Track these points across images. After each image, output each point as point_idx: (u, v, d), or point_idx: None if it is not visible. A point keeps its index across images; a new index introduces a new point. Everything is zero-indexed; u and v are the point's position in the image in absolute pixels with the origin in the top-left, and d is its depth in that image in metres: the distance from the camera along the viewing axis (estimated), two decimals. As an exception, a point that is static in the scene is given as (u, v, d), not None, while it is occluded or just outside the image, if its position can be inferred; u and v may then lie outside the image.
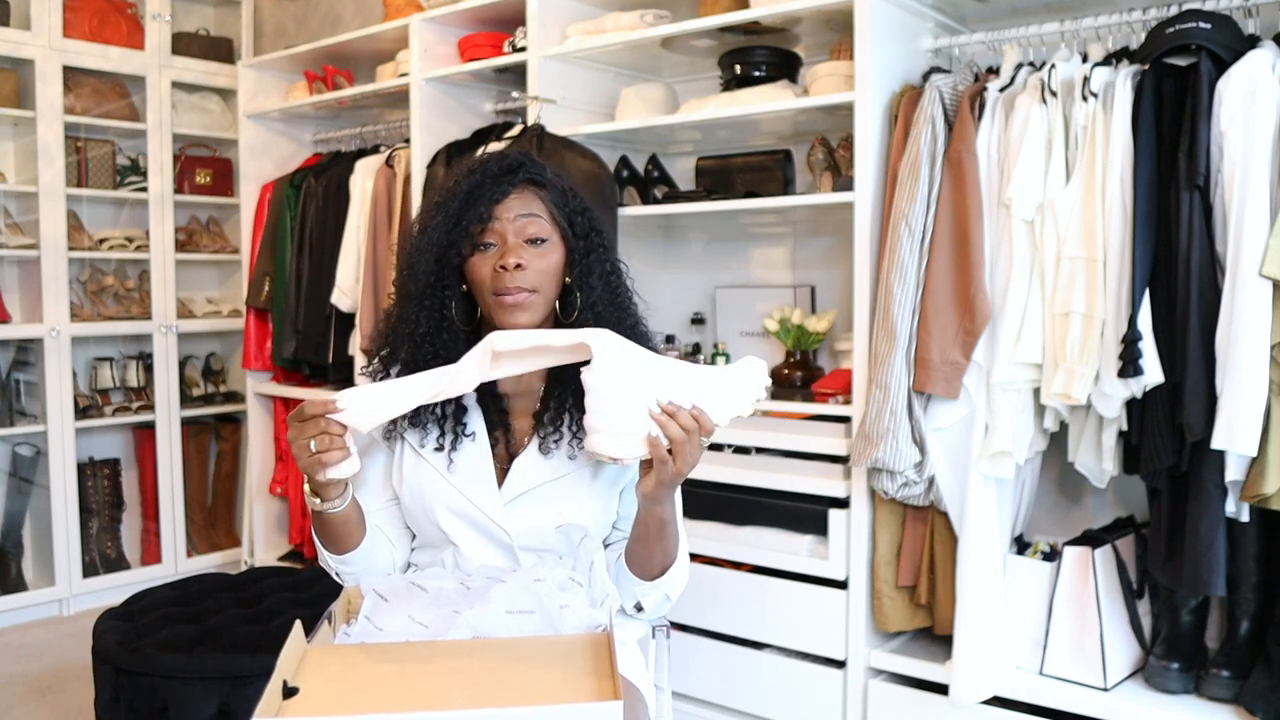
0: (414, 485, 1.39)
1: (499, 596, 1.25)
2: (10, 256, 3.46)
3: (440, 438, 1.38)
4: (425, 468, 1.38)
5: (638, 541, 1.35)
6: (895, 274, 2.14)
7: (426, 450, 1.38)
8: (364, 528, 1.36)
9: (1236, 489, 1.86)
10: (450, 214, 1.35)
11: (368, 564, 1.38)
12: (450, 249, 1.35)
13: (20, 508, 3.49)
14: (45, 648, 3.16)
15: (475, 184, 1.36)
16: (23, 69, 3.39)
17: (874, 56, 2.21)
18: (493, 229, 1.35)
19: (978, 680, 2.10)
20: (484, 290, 1.35)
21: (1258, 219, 1.78)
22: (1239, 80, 1.80)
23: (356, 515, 1.34)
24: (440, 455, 1.37)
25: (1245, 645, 2.00)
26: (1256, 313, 1.77)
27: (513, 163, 1.38)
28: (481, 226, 1.34)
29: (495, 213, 1.35)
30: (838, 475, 2.31)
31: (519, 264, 1.33)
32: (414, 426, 1.38)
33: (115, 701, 2.01)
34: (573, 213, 1.41)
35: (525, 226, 1.36)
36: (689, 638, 2.53)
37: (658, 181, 2.88)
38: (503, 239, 1.35)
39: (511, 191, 1.36)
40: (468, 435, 1.38)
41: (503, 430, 1.40)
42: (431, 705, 1.03)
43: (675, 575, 1.39)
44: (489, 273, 1.34)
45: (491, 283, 1.34)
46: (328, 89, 3.42)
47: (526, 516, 1.36)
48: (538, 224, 1.36)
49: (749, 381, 1.29)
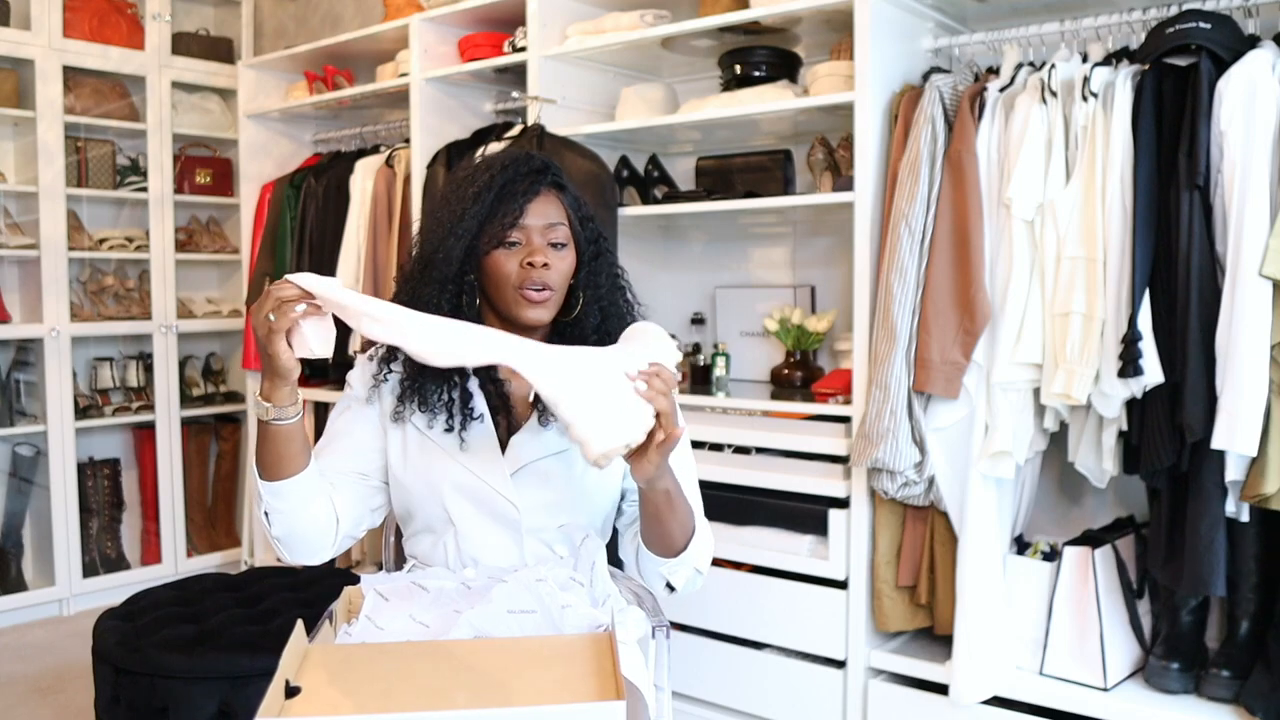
0: (421, 467, 1.40)
1: (500, 596, 1.25)
2: (10, 256, 3.45)
3: (449, 419, 1.40)
4: (433, 449, 1.40)
5: (650, 520, 1.36)
6: (895, 274, 2.14)
7: (435, 432, 1.41)
8: (307, 460, 1.33)
9: (1236, 489, 1.86)
10: (485, 205, 1.39)
11: (301, 503, 1.33)
12: (479, 239, 1.39)
13: (20, 508, 3.49)
14: (45, 648, 3.16)
15: (509, 179, 1.40)
16: (23, 69, 3.39)
17: (874, 56, 2.22)
18: (521, 227, 1.39)
19: (978, 680, 2.10)
20: (505, 284, 1.38)
21: (1258, 219, 1.78)
22: (1239, 80, 1.80)
23: (302, 441, 1.32)
24: (450, 436, 1.40)
25: (1245, 645, 2.00)
26: (1256, 313, 1.77)
27: (541, 164, 1.43)
28: (512, 223, 1.38)
29: (526, 211, 1.39)
30: (838, 475, 2.31)
31: (546, 264, 1.37)
32: (423, 410, 1.41)
33: (115, 701, 2.01)
34: (584, 219, 1.47)
35: (551, 231, 1.40)
36: (689, 638, 2.53)
37: (658, 181, 2.88)
38: (529, 239, 1.39)
39: (540, 192, 1.41)
40: (475, 418, 1.41)
41: (504, 413, 1.44)
42: (433, 705, 1.03)
43: (700, 546, 1.40)
44: (514, 268, 1.38)
45: (518, 277, 1.38)
46: (328, 89, 3.42)
47: (532, 491, 1.39)
48: (560, 230, 1.41)
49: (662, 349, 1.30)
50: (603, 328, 1.45)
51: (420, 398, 1.40)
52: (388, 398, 1.44)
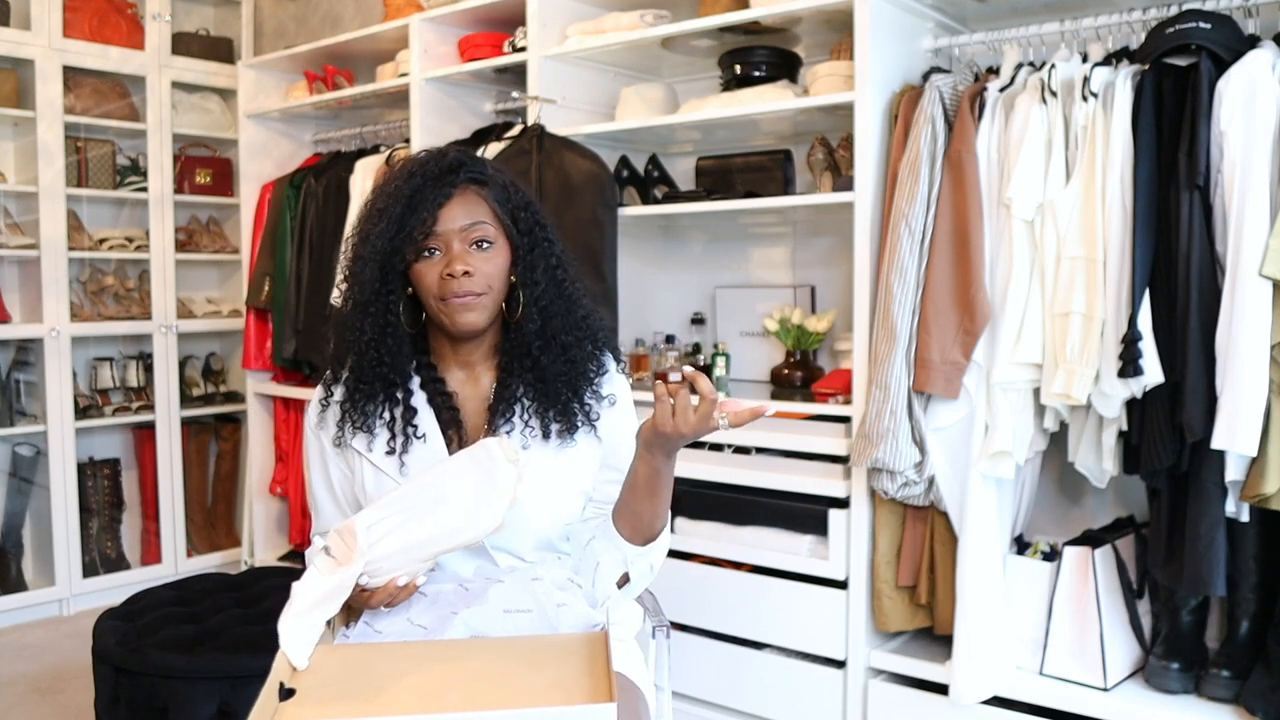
0: (374, 496, 1.34)
1: (496, 596, 1.25)
2: (10, 256, 3.45)
3: (390, 441, 1.34)
4: (383, 477, 1.34)
5: (630, 492, 1.31)
6: (895, 274, 2.14)
7: (377, 455, 1.34)
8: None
9: (1236, 489, 1.86)
10: (393, 220, 1.31)
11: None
12: (394, 255, 1.31)
13: (20, 508, 3.49)
14: (45, 648, 3.16)
15: (416, 188, 1.32)
16: (23, 69, 3.39)
17: (874, 56, 2.21)
18: (437, 235, 1.31)
19: (978, 680, 2.10)
20: (431, 296, 1.33)
21: (1258, 219, 1.77)
22: (1239, 80, 1.80)
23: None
24: (391, 459, 1.34)
25: (1245, 645, 2.00)
26: (1256, 313, 1.77)
27: (453, 163, 1.35)
28: (425, 233, 1.31)
29: (439, 217, 1.31)
30: (838, 475, 2.31)
31: (466, 271, 1.30)
32: (361, 431, 1.35)
33: (115, 701, 2.01)
34: (516, 209, 1.38)
35: (470, 232, 1.33)
36: (689, 638, 2.53)
37: (658, 181, 2.87)
38: (448, 245, 1.32)
39: (454, 194, 1.33)
40: (419, 437, 1.34)
41: (455, 429, 1.37)
42: (427, 707, 1.03)
43: (662, 543, 1.36)
44: (436, 279, 1.31)
45: (439, 289, 1.31)
46: (328, 89, 3.42)
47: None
48: (482, 228, 1.33)
49: (499, 479, 1.21)
50: (544, 331, 1.36)
51: (360, 419, 1.34)
52: (331, 425, 1.38)
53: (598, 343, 1.42)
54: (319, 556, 1.19)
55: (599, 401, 1.39)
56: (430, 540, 1.19)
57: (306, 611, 1.13)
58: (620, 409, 1.42)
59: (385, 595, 1.21)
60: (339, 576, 1.15)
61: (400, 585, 1.20)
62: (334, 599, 1.15)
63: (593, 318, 1.43)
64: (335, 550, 1.18)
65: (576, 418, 1.36)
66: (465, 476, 1.19)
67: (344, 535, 1.18)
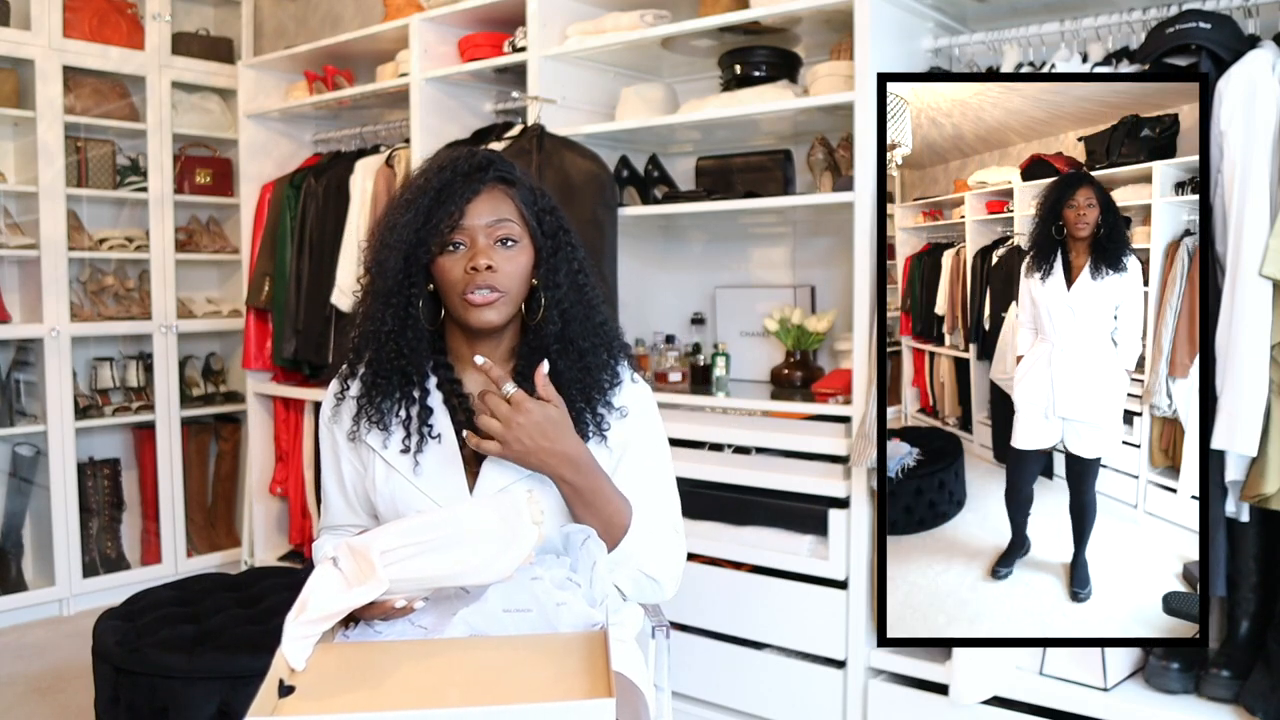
0: (387, 495, 1.35)
1: (496, 595, 1.24)
2: (10, 256, 3.45)
3: (405, 439, 1.34)
4: (395, 476, 1.34)
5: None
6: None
7: (391, 453, 1.35)
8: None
9: (1236, 489, 1.86)
10: (420, 211, 1.31)
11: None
12: (419, 247, 1.32)
13: (20, 508, 3.49)
14: (45, 648, 3.16)
15: (446, 181, 1.32)
16: (23, 69, 3.39)
17: (874, 56, 2.21)
18: (463, 229, 1.31)
19: (978, 680, 2.10)
20: (453, 290, 1.32)
21: (1258, 219, 1.77)
22: (1239, 80, 1.80)
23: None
24: (405, 458, 1.34)
25: (1245, 645, 2.00)
26: (1256, 313, 1.77)
27: (483, 160, 1.35)
28: (452, 226, 1.31)
29: (466, 212, 1.32)
30: (838, 475, 2.31)
31: (490, 265, 1.30)
32: (376, 427, 1.35)
33: (115, 701, 2.01)
34: (541, 211, 1.38)
35: (496, 228, 1.33)
36: (689, 638, 2.53)
37: (658, 181, 2.87)
38: (473, 240, 1.32)
39: (482, 190, 1.33)
40: (434, 437, 1.34)
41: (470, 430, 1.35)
42: (426, 703, 1.03)
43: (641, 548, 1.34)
44: (459, 274, 1.31)
45: (461, 283, 1.31)
46: (328, 89, 3.42)
47: None
48: (508, 226, 1.33)
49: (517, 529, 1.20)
50: (564, 334, 1.36)
51: (376, 415, 1.34)
52: (346, 419, 1.39)
53: (613, 351, 1.42)
54: (328, 568, 1.18)
55: (610, 412, 1.39)
56: (439, 578, 1.19)
57: (313, 622, 1.14)
58: (632, 421, 1.41)
59: (380, 612, 1.22)
60: (353, 596, 1.15)
61: (398, 606, 1.20)
62: (342, 614, 1.16)
63: (610, 325, 1.43)
64: (345, 566, 1.17)
65: (588, 427, 1.36)
66: (487, 525, 1.19)
67: (357, 556, 1.17)
